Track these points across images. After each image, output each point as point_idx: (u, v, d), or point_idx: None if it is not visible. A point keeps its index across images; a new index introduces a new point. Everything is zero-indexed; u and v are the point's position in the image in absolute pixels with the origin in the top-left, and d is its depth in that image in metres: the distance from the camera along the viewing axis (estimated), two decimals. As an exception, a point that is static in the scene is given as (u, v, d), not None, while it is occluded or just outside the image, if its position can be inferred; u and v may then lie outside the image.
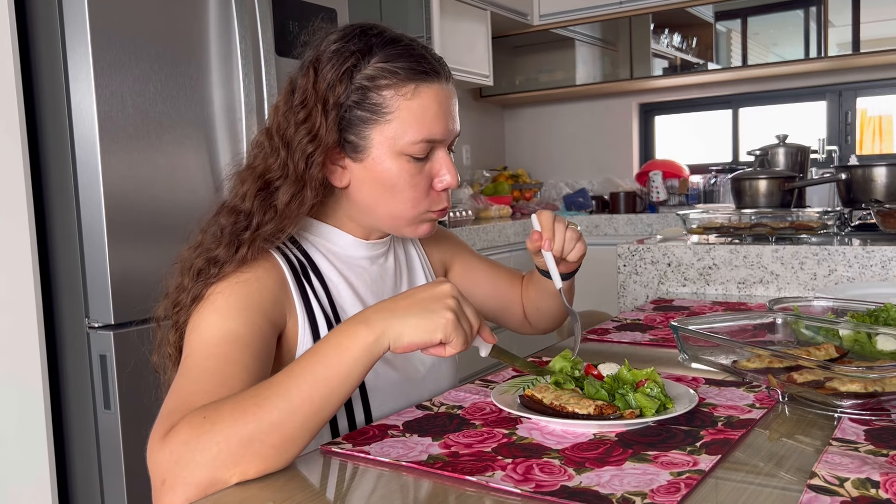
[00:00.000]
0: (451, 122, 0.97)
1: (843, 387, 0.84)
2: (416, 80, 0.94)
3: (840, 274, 1.65)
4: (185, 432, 0.72)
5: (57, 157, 1.79)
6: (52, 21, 1.74)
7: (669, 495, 0.65)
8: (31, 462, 1.76)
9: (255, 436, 0.71)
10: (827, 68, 3.67)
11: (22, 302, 1.74)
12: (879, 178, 2.05)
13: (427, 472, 0.72)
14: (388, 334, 0.76)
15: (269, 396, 0.72)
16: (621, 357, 1.00)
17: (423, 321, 0.76)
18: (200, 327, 0.87)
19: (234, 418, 0.71)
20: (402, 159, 0.95)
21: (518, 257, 3.42)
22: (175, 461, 0.71)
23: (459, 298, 0.80)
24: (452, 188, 0.99)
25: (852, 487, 0.66)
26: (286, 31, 2.15)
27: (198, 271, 0.91)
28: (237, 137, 2.03)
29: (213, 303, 0.88)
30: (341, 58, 0.94)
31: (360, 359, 0.75)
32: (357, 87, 0.93)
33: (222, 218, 0.95)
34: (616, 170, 4.33)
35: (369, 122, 0.94)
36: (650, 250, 1.87)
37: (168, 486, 0.71)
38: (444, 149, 0.98)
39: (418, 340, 0.76)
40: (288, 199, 0.93)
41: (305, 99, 0.94)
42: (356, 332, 0.75)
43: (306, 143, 0.93)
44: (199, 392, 0.78)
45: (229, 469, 0.70)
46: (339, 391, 0.74)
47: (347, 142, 0.95)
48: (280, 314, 0.93)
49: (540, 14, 4.05)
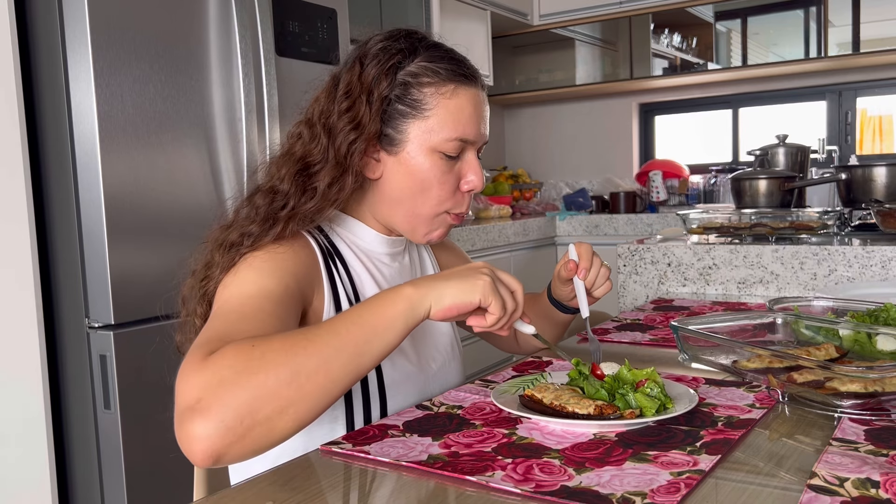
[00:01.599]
0: (483, 125, 1.03)
1: (843, 387, 0.84)
2: (456, 81, 0.99)
3: (840, 274, 1.65)
4: (231, 355, 0.71)
5: (57, 157, 1.79)
6: (52, 21, 1.74)
7: (669, 495, 0.65)
8: (31, 462, 1.76)
9: (302, 369, 0.71)
10: (827, 68, 3.67)
11: (22, 302, 1.74)
12: (879, 178, 2.05)
13: (427, 472, 0.73)
14: (429, 296, 0.80)
15: (320, 335, 0.74)
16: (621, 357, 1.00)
17: (462, 283, 0.81)
18: (235, 282, 0.89)
19: (284, 349, 0.72)
20: (434, 156, 0.99)
21: (518, 257, 3.42)
22: (218, 381, 0.69)
23: (494, 269, 0.85)
24: (477, 191, 1.04)
25: (852, 487, 0.66)
26: (286, 31, 2.15)
27: (230, 245, 0.94)
28: (237, 137, 2.03)
29: (248, 263, 0.91)
30: (387, 54, 0.99)
31: (404, 313, 0.78)
32: (400, 83, 0.98)
33: (258, 199, 0.98)
34: (616, 170, 4.33)
35: (408, 117, 0.98)
36: (650, 250, 1.87)
37: (203, 405, 0.68)
38: (474, 151, 1.03)
39: (459, 301, 0.80)
40: (329, 181, 0.96)
41: (350, 90, 0.98)
42: (402, 290, 0.79)
43: (349, 130, 0.96)
44: (235, 331, 0.79)
45: (271, 402, 0.69)
46: (383, 339, 0.77)
47: (384, 135, 0.99)
48: (310, 288, 0.96)
49: (540, 14, 4.05)
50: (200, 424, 0.67)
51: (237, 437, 0.68)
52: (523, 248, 3.48)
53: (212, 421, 0.67)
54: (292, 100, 2.16)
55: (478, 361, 3.00)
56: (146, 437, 1.78)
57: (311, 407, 0.72)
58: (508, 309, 0.83)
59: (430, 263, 1.21)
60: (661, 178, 3.93)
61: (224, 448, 0.68)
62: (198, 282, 0.96)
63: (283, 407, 0.70)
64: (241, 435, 0.68)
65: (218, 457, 0.68)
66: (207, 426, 0.67)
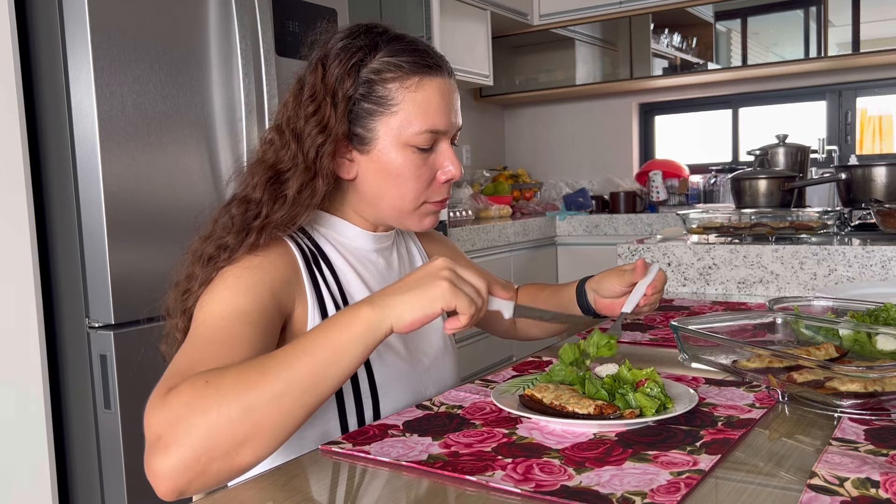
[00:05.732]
0: (453, 114, 1.01)
1: (843, 387, 0.84)
2: (420, 73, 0.98)
3: (840, 274, 1.65)
4: (186, 393, 0.71)
5: (57, 157, 1.79)
6: (52, 21, 1.74)
7: (669, 495, 0.65)
8: (32, 462, 1.76)
9: (255, 404, 0.70)
10: (827, 68, 3.67)
11: (22, 302, 1.74)
12: (879, 177, 2.04)
13: (427, 472, 0.73)
14: (389, 315, 0.77)
15: (272, 367, 0.73)
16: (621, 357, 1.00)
17: (420, 295, 0.77)
18: (210, 302, 0.88)
19: (236, 385, 0.71)
20: (407, 150, 0.98)
21: (518, 257, 3.42)
22: (174, 420, 0.70)
23: (453, 267, 0.81)
24: (456, 179, 1.03)
25: (852, 487, 0.66)
26: (286, 31, 2.15)
27: (208, 258, 0.93)
28: (237, 137, 2.03)
29: (223, 280, 0.90)
30: (348, 53, 0.97)
31: (362, 337, 0.76)
32: (364, 81, 0.97)
33: (233, 208, 0.97)
34: (616, 170, 4.33)
35: (375, 115, 0.97)
36: (650, 250, 1.87)
37: (163, 444, 0.70)
38: (448, 141, 1.02)
39: (420, 315, 0.77)
40: (298, 188, 0.95)
41: (315, 93, 0.97)
42: (359, 312, 0.77)
43: (316, 133, 0.96)
44: (202, 360, 0.79)
45: (226, 439, 0.69)
46: (340, 365, 0.75)
47: (355, 134, 0.99)
48: (289, 298, 0.95)
49: (540, 14, 4.04)
50: (161, 462, 0.69)
51: (197, 474, 0.69)
52: (523, 248, 3.48)
53: (171, 459, 0.69)
54: (292, 100, 2.16)
55: (477, 361, 3.00)
56: (146, 437, 1.78)
57: (269, 440, 0.72)
58: (477, 304, 0.81)
59: (419, 256, 1.20)
60: (661, 177, 3.93)
61: (185, 484, 0.69)
62: (179, 294, 0.95)
63: (238, 442, 0.70)
64: (200, 471, 0.69)
65: (181, 492, 0.70)
66: (167, 464, 0.69)
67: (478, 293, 0.81)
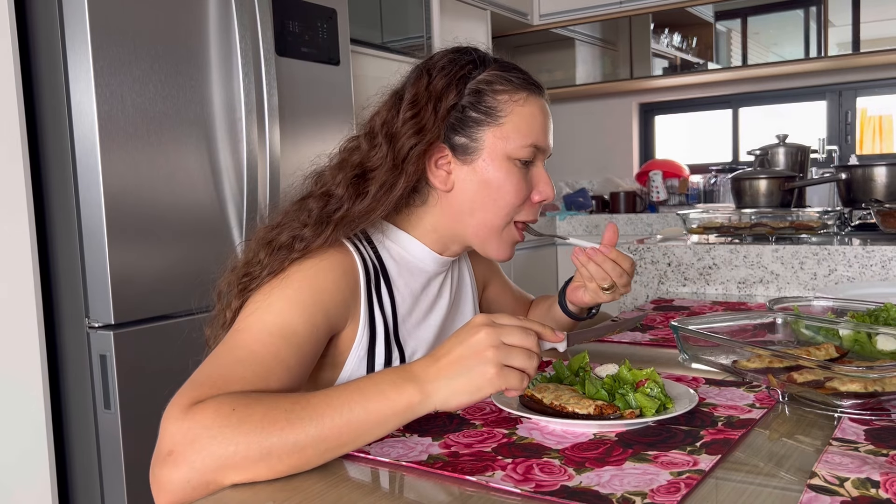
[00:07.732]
0: (550, 136, 1.04)
1: (843, 387, 0.84)
2: (528, 90, 1.01)
3: (840, 274, 1.65)
4: (210, 417, 0.71)
5: (57, 157, 1.79)
6: (52, 21, 1.74)
7: (669, 495, 0.65)
8: (31, 462, 1.76)
9: (275, 450, 0.70)
10: (827, 68, 3.67)
11: (22, 302, 1.74)
12: (879, 177, 2.05)
13: (427, 472, 0.73)
14: (433, 398, 0.75)
15: (303, 417, 0.72)
16: (621, 357, 1.00)
17: (467, 382, 0.75)
18: (261, 309, 0.87)
19: (262, 426, 0.71)
20: (509, 163, 1.00)
21: (518, 257, 3.41)
22: (190, 441, 0.70)
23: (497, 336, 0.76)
24: (549, 201, 1.05)
25: (852, 487, 0.66)
26: (286, 31, 2.15)
27: (280, 246, 0.93)
28: (237, 137, 2.03)
29: (283, 288, 0.89)
30: (456, 66, 1.00)
31: (400, 414, 0.75)
32: (472, 91, 0.99)
33: (311, 202, 0.98)
34: (616, 170, 4.33)
35: (482, 124, 0.99)
36: (650, 250, 1.87)
37: (173, 460, 0.70)
38: (542, 162, 1.04)
39: (466, 402, 0.75)
40: (381, 183, 0.96)
41: (417, 99, 0.98)
42: (403, 388, 0.75)
43: (411, 134, 0.97)
44: (237, 375, 0.79)
45: (237, 470, 0.70)
46: (370, 435, 0.75)
47: (458, 144, 0.99)
48: (342, 318, 0.95)
49: (540, 14, 4.05)
50: (168, 476, 0.70)
51: (198, 493, 0.70)
52: (523, 248, 3.47)
53: (179, 476, 0.70)
54: (292, 100, 2.16)
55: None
56: (146, 437, 1.78)
57: (276, 476, 0.72)
58: (529, 373, 0.77)
59: (469, 276, 1.20)
60: (661, 177, 3.93)
61: (184, 499, 0.71)
62: (237, 278, 0.95)
63: (249, 478, 0.71)
64: (202, 490, 0.71)
65: None
66: (174, 480, 0.70)
67: (528, 355, 0.77)
